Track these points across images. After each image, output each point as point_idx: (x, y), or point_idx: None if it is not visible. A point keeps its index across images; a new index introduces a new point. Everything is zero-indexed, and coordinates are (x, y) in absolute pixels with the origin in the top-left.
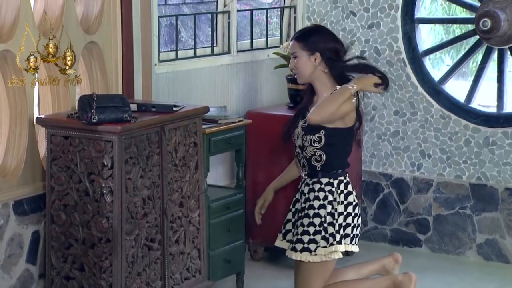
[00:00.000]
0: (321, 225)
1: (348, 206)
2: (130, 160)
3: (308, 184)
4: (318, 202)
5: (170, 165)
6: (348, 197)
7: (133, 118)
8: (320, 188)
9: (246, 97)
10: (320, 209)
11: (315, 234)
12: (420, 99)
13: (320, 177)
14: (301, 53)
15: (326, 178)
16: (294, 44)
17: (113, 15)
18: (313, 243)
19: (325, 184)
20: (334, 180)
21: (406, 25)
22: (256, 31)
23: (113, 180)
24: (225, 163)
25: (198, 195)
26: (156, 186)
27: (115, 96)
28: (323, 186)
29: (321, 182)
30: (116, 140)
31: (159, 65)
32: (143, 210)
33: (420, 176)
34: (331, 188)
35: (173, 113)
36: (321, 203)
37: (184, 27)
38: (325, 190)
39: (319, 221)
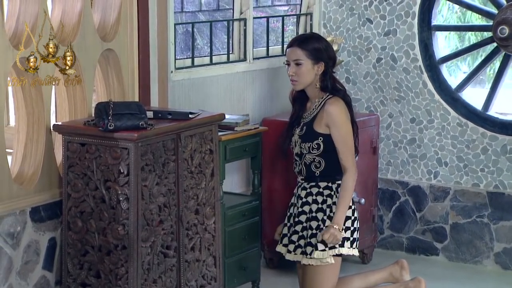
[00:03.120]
0: (318, 228)
1: (348, 209)
2: (146, 167)
3: (305, 188)
4: (317, 205)
5: (186, 172)
6: None
7: (149, 125)
8: (318, 192)
9: (262, 104)
10: (318, 212)
11: (311, 237)
12: (437, 107)
13: (319, 181)
14: (306, 61)
15: (324, 182)
16: (297, 50)
17: (130, 23)
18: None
19: (324, 188)
20: (332, 184)
21: (422, 32)
22: (272, 38)
23: (129, 187)
24: (240, 171)
25: (214, 203)
26: (172, 193)
27: (132, 103)
28: (321, 190)
29: (319, 186)
30: (132, 147)
31: (175, 72)
32: (159, 217)
33: (437, 184)
34: (330, 192)
35: (189, 120)
36: (319, 207)
37: (200, 35)
38: (324, 194)
39: (316, 224)
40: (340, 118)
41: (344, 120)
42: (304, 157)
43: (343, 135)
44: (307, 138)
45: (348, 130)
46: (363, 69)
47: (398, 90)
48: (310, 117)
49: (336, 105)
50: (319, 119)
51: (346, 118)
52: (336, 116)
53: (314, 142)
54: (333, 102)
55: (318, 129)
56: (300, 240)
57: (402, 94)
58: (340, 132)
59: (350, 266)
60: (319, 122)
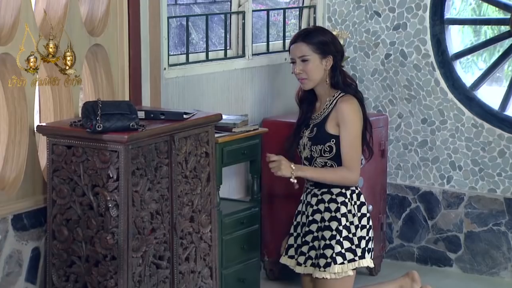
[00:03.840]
0: (332, 238)
1: (362, 218)
2: (137, 172)
3: (316, 195)
4: (329, 214)
5: (180, 177)
6: (362, 208)
7: (141, 127)
8: (331, 199)
9: (262, 104)
10: (331, 221)
11: (325, 248)
12: (450, 106)
13: (331, 187)
14: (313, 56)
15: (337, 188)
16: (302, 46)
17: (120, 16)
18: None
19: (337, 195)
20: (346, 190)
21: (435, 26)
22: (273, 32)
23: (119, 193)
24: (239, 175)
25: (210, 209)
26: (165, 200)
27: (122, 103)
28: (335, 196)
29: (331, 192)
30: (122, 150)
31: (168, 70)
32: (151, 225)
33: (450, 189)
34: (344, 199)
35: (183, 121)
36: (332, 216)
37: (196, 29)
38: (338, 201)
39: (329, 234)
40: (351, 117)
41: (355, 121)
42: (315, 161)
43: (352, 136)
44: (318, 140)
45: (358, 132)
46: (370, 65)
47: (408, 89)
48: (321, 118)
49: (350, 103)
50: (331, 119)
51: (358, 119)
52: (347, 114)
53: (326, 145)
54: (347, 99)
55: (330, 130)
56: (310, 251)
57: (413, 93)
58: (349, 132)
59: (358, 278)
60: (331, 123)
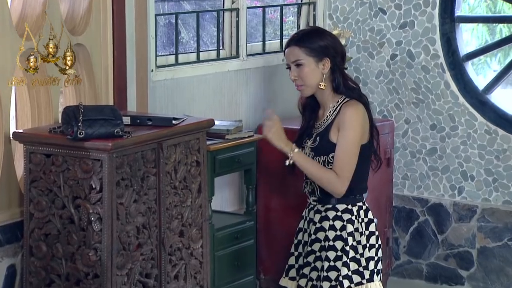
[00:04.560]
0: (337, 259)
1: (371, 236)
2: (122, 182)
3: (319, 211)
4: (334, 232)
5: (169, 187)
6: (370, 226)
7: (126, 133)
8: (336, 216)
9: (258, 108)
10: (336, 241)
11: (329, 270)
12: (462, 111)
13: (336, 203)
14: (307, 60)
15: (343, 204)
16: (295, 49)
17: (103, 13)
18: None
19: (342, 212)
20: (353, 206)
21: (444, 24)
22: (269, 31)
23: (102, 206)
24: (232, 186)
25: (201, 223)
26: (152, 213)
27: (105, 108)
28: (340, 213)
29: (336, 208)
30: (106, 158)
31: (156, 71)
32: (137, 240)
33: (461, 201)
34: (350, 217)
35: (172, 127)
36: (337, 234)
37: (186, 27)
38: (343, 218)
39: (334, 255)
40: (351, 121)
41: (355, 127)
42: None
43: (348, 142)
44: (321, 150)
45: (355, 139)
46: (375, 67)
47: (416, 92)
48: (324, 126)
49: (354, 107)
50: (335, 126)
51: (360, 126)
52: (348, 118)
53: (330, 155)
54: (351, 104)
55: (333, 138)
56: (312, 272)
57: (421, 97)
58: (345, 136)
59: None
60: (334, 130)
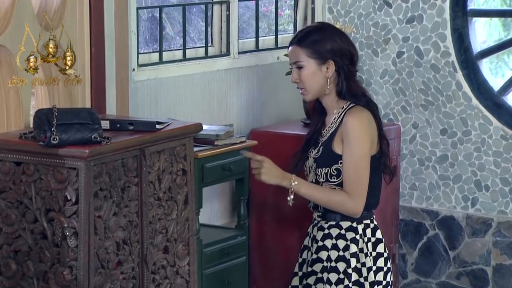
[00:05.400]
0: (339, 283)
1: (378, 258)
2: (100, 193)
3: (322, 228)
4: (337, 253)
5: (152, 199)
6: (378, 247)
7: (105, 139)
8: (340, 235)
9: (250, 111)
10: (338, 262)
11: None
12: (475, 114)
13: (340, 220)
14: (308, 62)
15: (348, 221)
16: (296, 50)
17: (79, 7)
18: None
19: (346, 230)
20: (358, 224)
21: (456, 18)
22: (263, 26)
23: (78, 219)
24: (223, 197)
25: (188, 238)
26: (133, 227)
27: (82, 111)
28: (343, 231)
29: (340, 226)
30: (83, 167)
31: (138, 71)
32: (117, 257)
33: (475, 214)
34: (354, 236)
35: (156, 132)
36: (340, 255)
37: (171, 22)
38: (347, 237)
39: (335, 277)
40: (356, 133)
41: (362, 138)
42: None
43: (356, 156)
44: (324, 161)
45: (364, 152)
46: (379, 66)
47: (424, 93)
48: (328, 135)
49: (357, 115)
50: (338, 135)
51: (365, 135)
52: (352, 129)
53: (333, 167)
54: (354, 112)
55: (337, 149)
56: None
57: (430, 98)
58: (352, 150)
59: None
60: (338, 140)
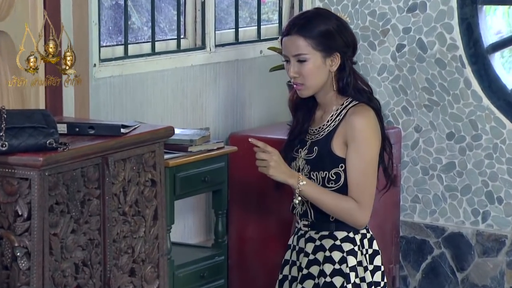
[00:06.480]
0: None
1: (375, 272)
2: (56, 207)
3: (312, 240)
4: (332, 266)
5: (117, 214)
6: (375, 260)
7: (62, 145)
8: (334, 246)
9: (229, 112)
10: (334, 276)
11: None
12: (486, 116)
13: (334, 229)
14: (314, 56)
15: (343, 231)
16: (299, 40)
17: None
18: None
19: (342, 240)
20: (355, 234)
21: (464, 6)
22: (244, 15)
23: (31, 237)
24: (198, 211)
25: (158, 259)
26: (95, 246)
27: (35, 112)
28: (339, 243)
29: (334, 236)
30: (36, 177)
31: (99, 66)
32: (76, 281)
33: (486, 230)
34: (352, 247)
35: (120, 137)
36: (336, 269)
37: (138, 10)
38: (343, 249)
39: None
40: (366, 135)
41: (372, 141)
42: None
43: (366, 162)
44: (321, 164)
45: (374, 157)
46: (377, 60)
47: (428, 92)
48: (325, 133)
49: (366, 115)
50: (339, 135)
51: (376, 138)
52: (361, 131)
53: (332, 171)
54: (361, 111)
55: (337, 151)
56: None
57: (435, 98)
58: (362, 155)
59: None
60: (339, 141)
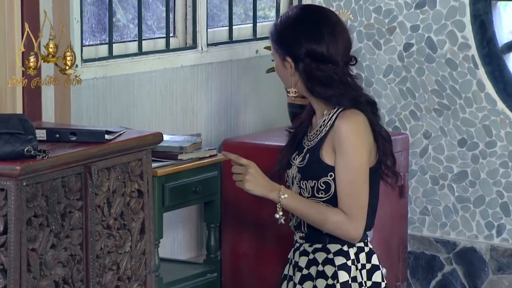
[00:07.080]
0: None
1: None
2: (35, 220)
3: (306, 253)
4: (325, 281)
5: (100, 227)
6: (374, 275)
7: (41, 153)
8: (327, 260)
9: (222, 117)
10: None
11: None
12: (501, 121)
13: (327, 242)
14: (275, 57)
15: (337, 244)
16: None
17: None
18: None
19: (335, 254)
20: (349, 247)
21: (477, 2)
22: (238, 12)
23: (7, 253)
24: (188, 224)
25: (145, 276)
26: (76, 262)
27: (11, 118)
28: (332, 256)
29: (327, 250)
30: (13, 187)
31: (82, 67)
32: None
33: (502, 244)
34: (345, 261)
35: (104, 144)
36: (329, 284)
37: (123, 6)
38: (335, 263)
39: None
40: (352, 140)
41: (358, 147)
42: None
43: (353, 169)
44: (310, 173)
45: (362, 164)
46: (383, 61)
47: (438, 95)
48: (316, 140)
49: (350, 120)
50: (328, 143)
51: (362, 145)
52: (345, 137)
53: (321, 181)
54: (347, 116)
55: (326, 159)
56: None
57: (445, 102)
58: (348, 162)
59: None
60: (328, 148)
